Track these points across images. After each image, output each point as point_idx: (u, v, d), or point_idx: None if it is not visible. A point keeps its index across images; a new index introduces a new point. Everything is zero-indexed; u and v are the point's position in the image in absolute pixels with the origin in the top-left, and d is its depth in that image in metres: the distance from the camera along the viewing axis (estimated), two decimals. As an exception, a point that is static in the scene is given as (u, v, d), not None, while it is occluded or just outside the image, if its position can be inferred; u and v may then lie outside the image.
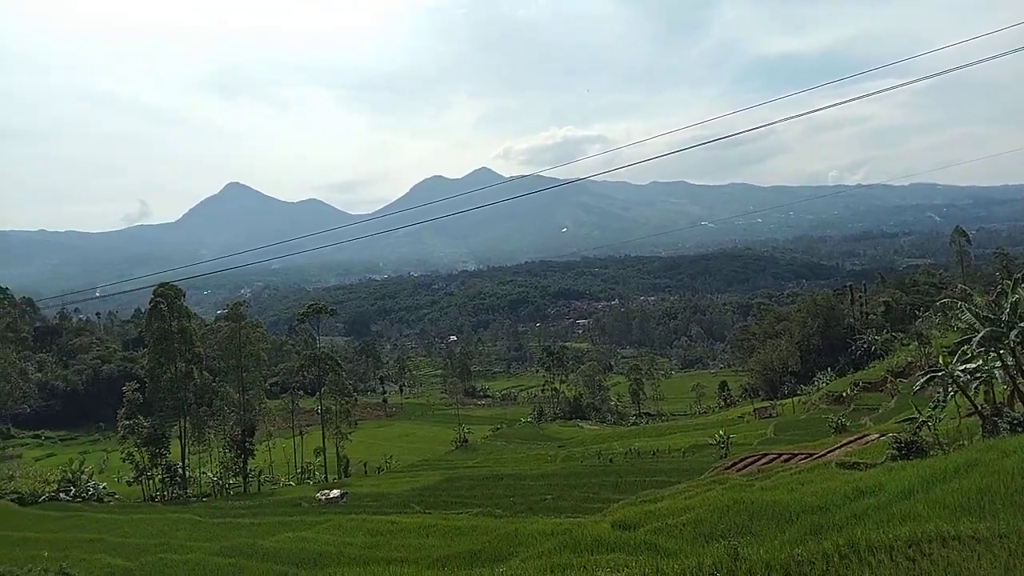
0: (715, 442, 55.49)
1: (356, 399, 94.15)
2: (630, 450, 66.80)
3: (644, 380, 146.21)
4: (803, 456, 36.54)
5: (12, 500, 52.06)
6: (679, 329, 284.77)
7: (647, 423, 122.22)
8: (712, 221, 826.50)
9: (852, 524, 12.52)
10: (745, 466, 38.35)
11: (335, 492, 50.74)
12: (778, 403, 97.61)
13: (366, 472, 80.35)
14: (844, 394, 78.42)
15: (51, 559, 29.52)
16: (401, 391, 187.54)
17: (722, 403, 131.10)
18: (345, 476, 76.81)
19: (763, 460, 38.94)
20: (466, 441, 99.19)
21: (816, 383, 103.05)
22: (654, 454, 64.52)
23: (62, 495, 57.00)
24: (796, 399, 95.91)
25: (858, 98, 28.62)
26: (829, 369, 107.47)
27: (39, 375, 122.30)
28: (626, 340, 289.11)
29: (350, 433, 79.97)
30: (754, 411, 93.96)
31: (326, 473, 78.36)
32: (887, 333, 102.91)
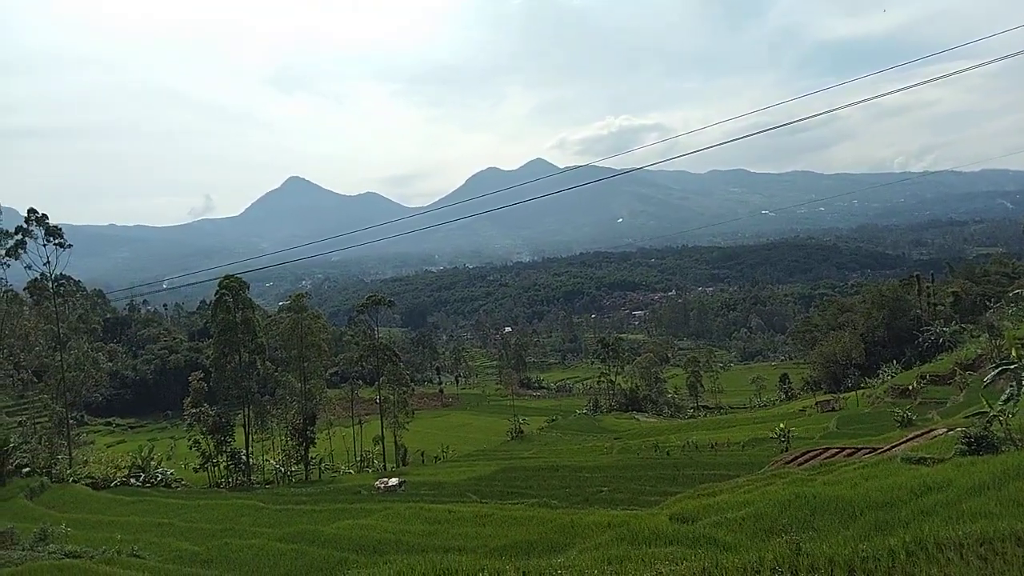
0: (775, 435, 54.44)
1: (413, 389, 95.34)
2: (687, 443, 66.02)
3: (702, 372, 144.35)
4: (867, 450, 35.62)
5: (86, 484, 54.38)
6: (738, 321, 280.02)
7: (705, 416, 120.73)
8: (773, 210, 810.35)
9: (919, 521, 12.16)
10: (806, 460, 37.58)
11: (393, 480, 51.47)
12: (841, 396, 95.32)
13: (423, 461, 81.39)
14: (910, 387, 75.99)
15: (123, 542, 30.77)
16: (457, 381, 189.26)
17: (783, 396, 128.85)
18: (403, 465, 77.97)
19: (825, 454, 38.07)
20: (521, 432, 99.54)
21: (881, 376, 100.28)
22: (712, 447, 63.67)
23: (132, 480, 59.29)
24: (860, 392, 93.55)
25: (925, 82, 27.43)
26: (895, 361, 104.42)
27: (110, 364, 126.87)
28: (683, 332, 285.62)
29: (407, 422, 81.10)
30: (816, 404, 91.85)
31: (384, 462, 79.63)
32: (956, 324, 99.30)
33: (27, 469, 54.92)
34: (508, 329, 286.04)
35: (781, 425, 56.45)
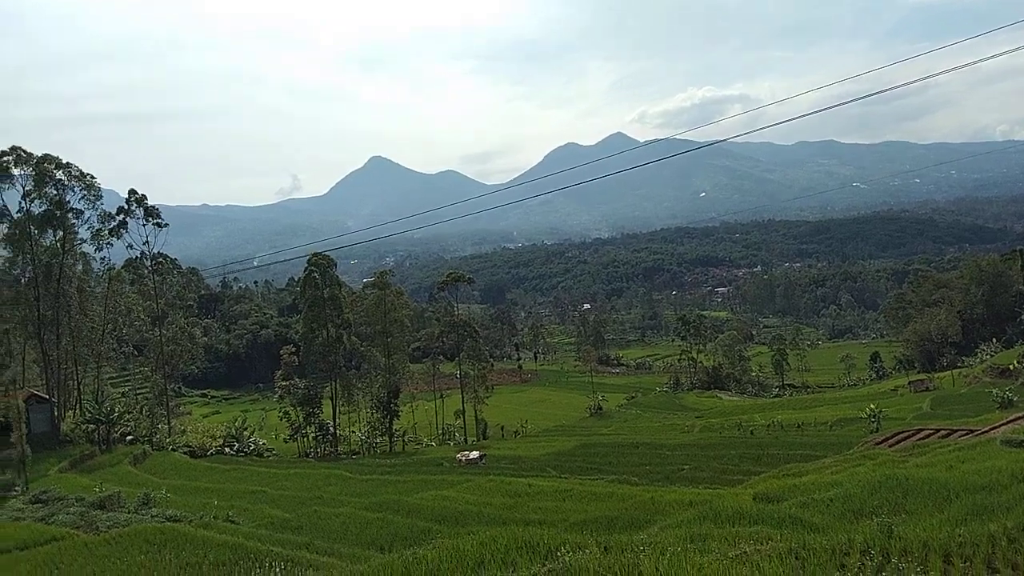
0: (865, 416, 52.79)
1: (492, 365, 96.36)
2: (772, 422, 64.69)
3: (788, 350, 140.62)
4: (963, 432, 34.14)
5: (184, 452, 57.40)
6: (827, 297, 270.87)
7: (791, 395, 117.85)
8: (864, 182, 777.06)
9: (1021, 506, 11.58)
10: (898, 441, 36.35)
11: (474, 454, 52.29)
12: (936, 376, 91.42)
13: (503, 435, 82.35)
14: (1011, 367, 72.11)
15: (219, 508, 32.38)
16: (535, 358, 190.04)
17: (873, 375, 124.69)
18: (483, 438, 79.08)
19: (918, 435, 36.70)
20: (600, 408, 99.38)
21: (979, 355, 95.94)
22: (798, 427, 62.19)
23: (227, 449, 62.19)
24: (956, 372, 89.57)
25: (1037, 42, 25.67)
26: (994, 340, 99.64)
27: (205, 339, 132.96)
28: (769, 309, 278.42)
29: (487, 397, 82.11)
30: (909, 384, 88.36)
31: (465, 435, 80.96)
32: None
33: (130, 437, 58.37)
34: (587, 306, 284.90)
35: (871, 405, 54.79)
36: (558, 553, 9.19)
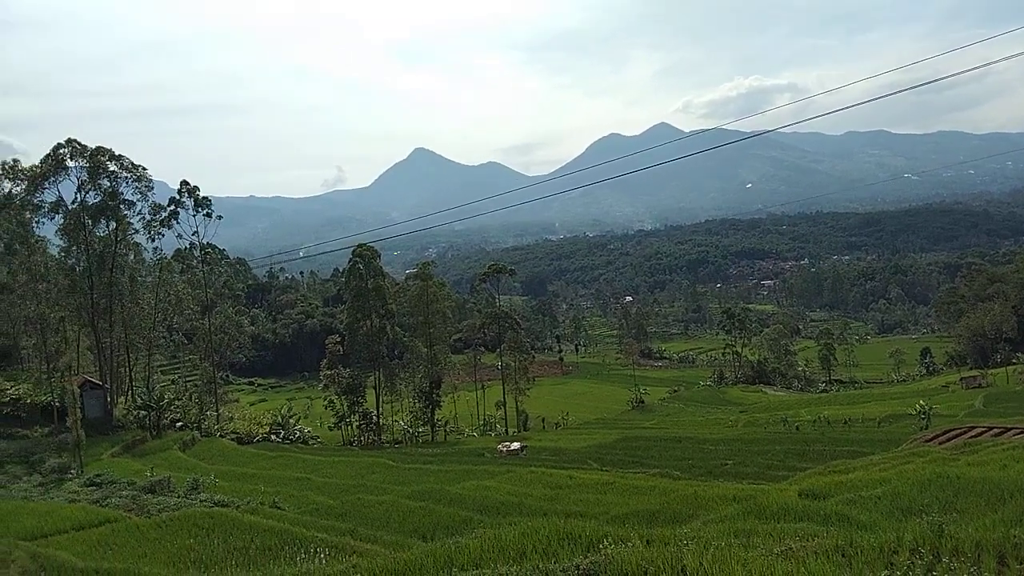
0: (915, 412, 51.62)
1: (533, 356, 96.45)
2: (819, 418, 63.60)
3: (836, 345, 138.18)
4: (1018, 431, 33.14)
5: (232, 439, 58.68)
6: (876, 291, 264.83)
7: (838, 390, 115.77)
8: (916, 173, 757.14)
9: (1082, 508, 11.20)
10: (949, 439, 35.45)
11: (515, 445, 52.46)
12: (989, 372, 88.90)
13: (544, 427, 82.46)
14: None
15: (266, 493, 33.05)
16: (576, 350, 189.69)
17: (924, 371, 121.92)
18: (524, 430, 79.28)
19: (970, 433, 35.73)
20: (642, 402, 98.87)
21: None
22: (845, 423, 61.04)
23: (273, 437, 63.44)
24: (1010, 368, 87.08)
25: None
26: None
27: (252, 328, 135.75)
28: (816, 302, 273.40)
29: (528, 389, 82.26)
30: (961, 380, 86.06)
31: (506, 426, 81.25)
32: None
33: (180, 423, 59.83)
34: (629, 298, 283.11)
35: (921, 402, 53.65)
36: (600, 546, 9.17)
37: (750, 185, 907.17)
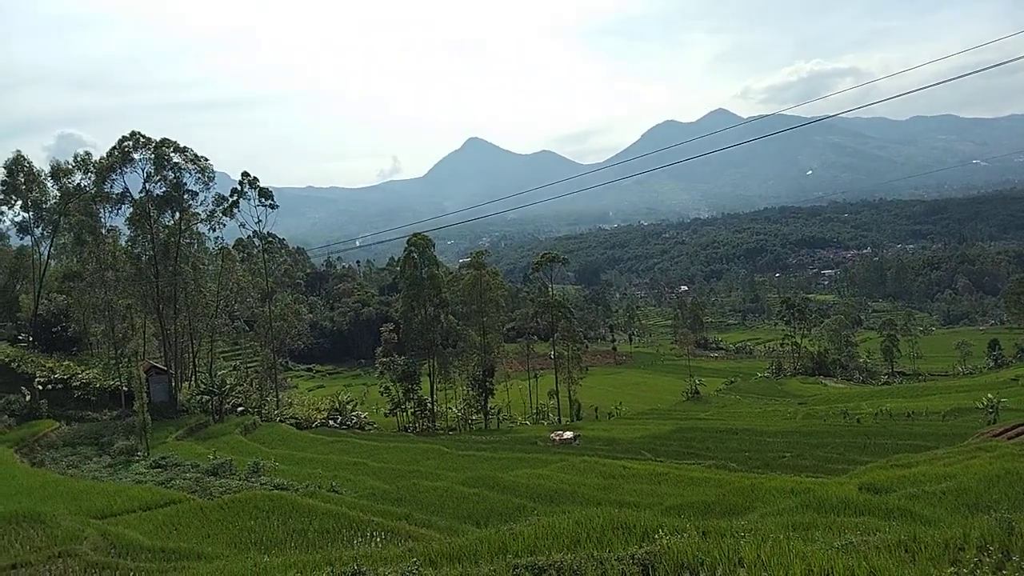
0: (982, 406, 49.97)
1: (587, 346, 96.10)
2: (880, 411, 61.98)
3: (899, 336, 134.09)
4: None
5: (291, 424, 60.02)
6: (942, 281, 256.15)
7: (901, 383, 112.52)
8: (985, 159, 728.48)
9: None
10: (1018, 434, 34.26)
11: (568, 434, 52.41)
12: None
13: (596, 417, 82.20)
14: None
15: (323, 477, 33.73)
16: (630, 340, 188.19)
17: (992, 363, 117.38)
18: (577, 419, 79.16)
19: (1044, 429, 34.39)
20: (698, 393, 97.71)
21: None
22: (908, 416, 59.37)
23: (331, 422, 64.71)
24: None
25: None
26: None
27: (310, 316, 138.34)
28: (879, 292, 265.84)
29: (581, 378, 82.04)
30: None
31: (559, 415, 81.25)
32: None
33: (241, 408, 61.47)
34: (684, 288, 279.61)
35: (989, 395, 51.90)
36: (655, 536, 9.10)
37: (811, 172, 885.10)
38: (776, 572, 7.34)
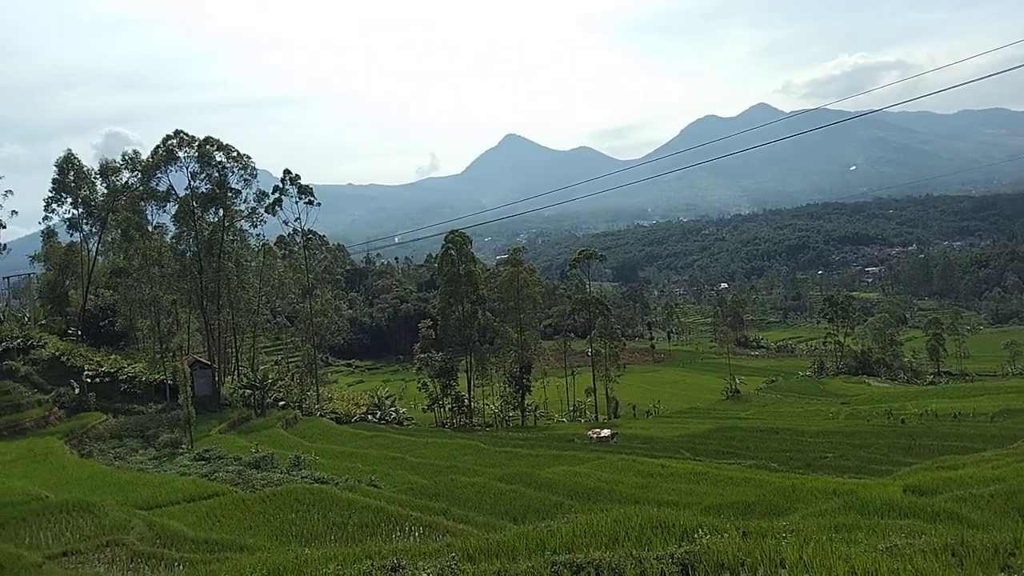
0: (1034, 408, 48.49)
1: (624, 343, 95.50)
2: (926, 411, 60.62)
3: (945, 335, 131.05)
4: None
5: (331, 418, 60.78)
6: (991, 279, 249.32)
7: (947, 383, 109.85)
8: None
9: None
10: (1075, 438, 33.11)
11: (606, 432, 52.23)
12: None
13: (635, 415, 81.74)
14: None
15: (363, 472, 34.11)
16: (669, 338, 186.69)
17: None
18: (614, 417, 78.80)
19: (1100, 433, 33.27)
20: (738, 392, 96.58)
21: None
22: (955, 417, 57.91)
23: (370, 417, 65.37)
24: None
25: None
26: None
27: (350, 311, 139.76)
28: (924, 290, 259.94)
29: (618, 376, 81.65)
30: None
31: (596, 413, 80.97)
32: None
33: (282, 402, 62.43)
34: (724, 285, 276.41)
35: (1042, 397, 50.32)
36: (694, 536, 9.03)
37: (854, 167, 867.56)
38: (819, 574, 7.24)
